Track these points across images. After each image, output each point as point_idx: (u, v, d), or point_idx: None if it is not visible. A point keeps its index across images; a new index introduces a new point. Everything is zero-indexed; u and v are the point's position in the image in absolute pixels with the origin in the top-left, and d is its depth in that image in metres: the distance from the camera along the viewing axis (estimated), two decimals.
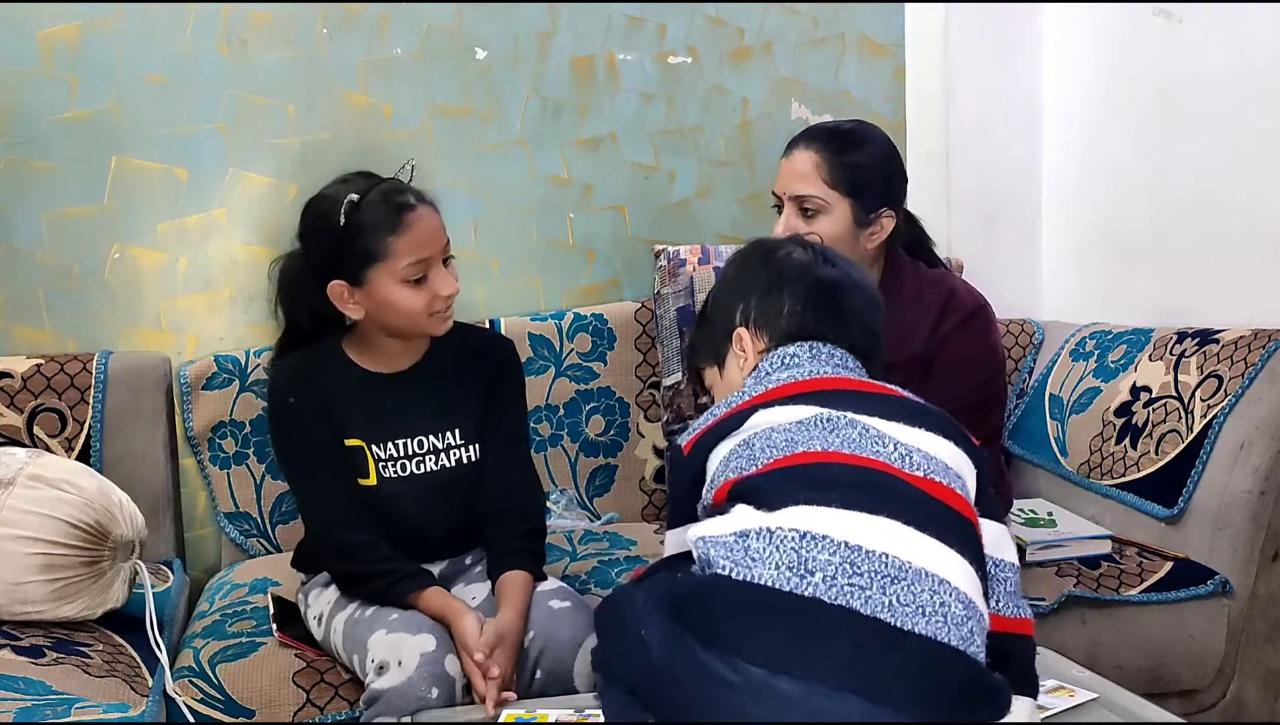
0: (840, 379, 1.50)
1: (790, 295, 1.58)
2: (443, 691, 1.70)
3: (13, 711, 1.64)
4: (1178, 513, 2.28)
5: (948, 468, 1.39)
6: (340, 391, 1.93)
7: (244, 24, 2.53)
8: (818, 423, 1.40)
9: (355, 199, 1.82)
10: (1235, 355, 2.29)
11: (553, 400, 2.58)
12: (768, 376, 1.52)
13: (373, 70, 2.61)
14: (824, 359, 1.53)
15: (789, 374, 1.50)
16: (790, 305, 1.57)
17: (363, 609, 1.85)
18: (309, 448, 1.91)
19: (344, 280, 1.86)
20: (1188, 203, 2.63)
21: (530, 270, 2.74)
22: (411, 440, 1.94)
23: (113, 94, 2.48)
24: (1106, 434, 2.44)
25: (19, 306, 2.49)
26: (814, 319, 1.56)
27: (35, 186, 2.46)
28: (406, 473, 1.94)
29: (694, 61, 2.78)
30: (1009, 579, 1.42)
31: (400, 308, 1.85)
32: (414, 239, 1.83)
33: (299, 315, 1.97)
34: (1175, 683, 2.21)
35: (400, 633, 1.76)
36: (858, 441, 1.37)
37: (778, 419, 1.42)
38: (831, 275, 1.60)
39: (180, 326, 2.57)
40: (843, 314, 1.58)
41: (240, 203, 2.57)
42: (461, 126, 2.67)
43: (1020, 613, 1.41)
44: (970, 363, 2.04)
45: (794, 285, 1.58)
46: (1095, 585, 2.19)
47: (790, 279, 1.59)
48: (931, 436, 1.41)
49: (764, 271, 1.62)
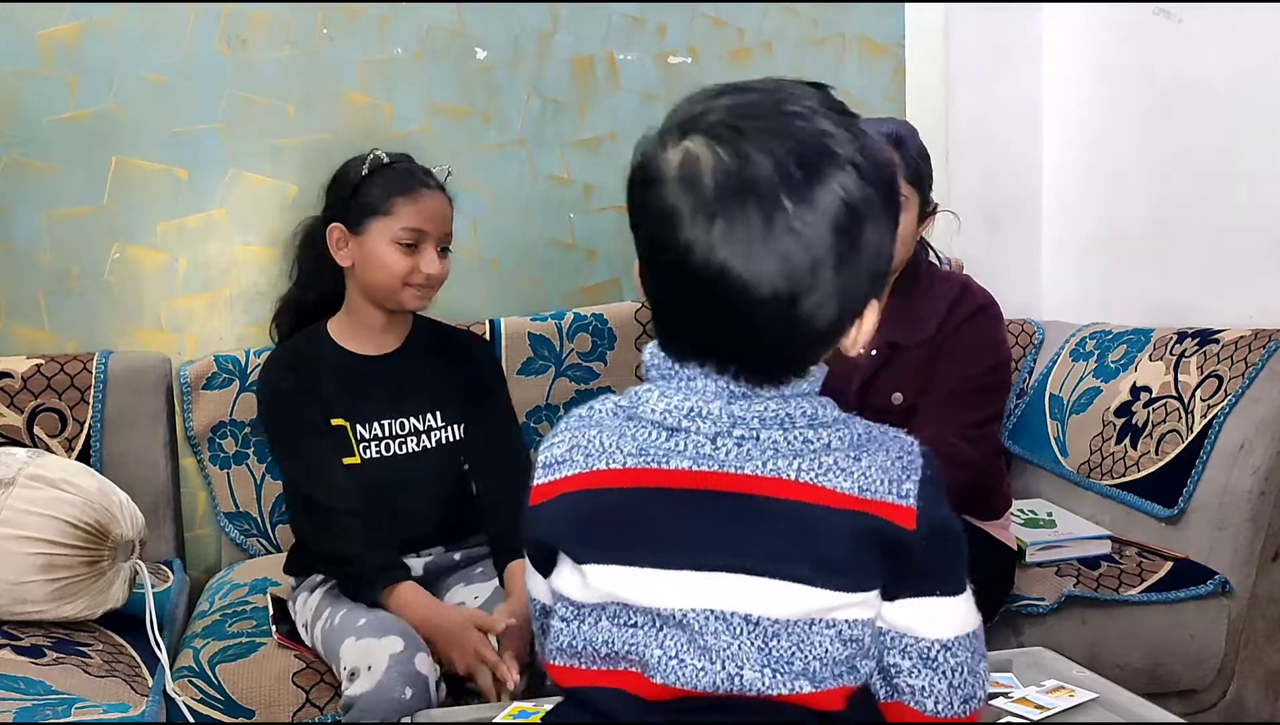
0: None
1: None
2: (416, 691, 1.70)
3: (13, 711, 1.64)
4: (1178, 513, 2.28)
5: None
6: (325, 373, 1.99)
7: (244, 24, 2.53)
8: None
9: (384, 159, 1.96)
10: (1235, 355, 2.29)
11: (553, 400, 2.58)
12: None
13: (373, 70, 2.61)
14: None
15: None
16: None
17: (333, 617, 1.86)
18: (296, 428, 1.97)
19: (345, 225, 1.95)
20: (1188, 203, 2.63)
21: (530, 270, 2.74)
22: (394, 421, 2.00)
23: (113, 94, 2.48)
24: (1106, 434, 2.44)
25: (19, 306, 2.49)
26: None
27: (35, 186, 2.46)
28: (390, 453, 1.99)
29: (694, 61, 2.78)
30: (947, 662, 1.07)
31: (384, 265, 1.93)
32: (417, 208, 1.94)
33: (305, 267, 2.06)
34: (1175, 683, 2.21)
35: (368, 638, 1.77)
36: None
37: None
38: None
39: (180, 326, 2.57)
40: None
41: (240, 203, 2.57)
42: (461, 126, 2.67)
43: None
44: (976, 351, 2.05)
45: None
46: (1095, 585, 2.19)
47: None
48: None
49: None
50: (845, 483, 1.01)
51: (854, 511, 1.00)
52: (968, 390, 2.02)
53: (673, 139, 1.00)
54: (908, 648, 1.06)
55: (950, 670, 1.06)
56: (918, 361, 2.03)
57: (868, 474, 1.01)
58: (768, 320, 0.98)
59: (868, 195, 0.98)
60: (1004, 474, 2.24)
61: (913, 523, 1.01)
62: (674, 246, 0.97)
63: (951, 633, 1.06)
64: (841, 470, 1.01)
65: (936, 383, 2.02)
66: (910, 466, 1.03)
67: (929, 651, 1.06)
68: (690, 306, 1.00)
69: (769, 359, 1.01)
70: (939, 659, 1.06)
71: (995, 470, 2.16)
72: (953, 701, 1.07)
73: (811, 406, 1.02)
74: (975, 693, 1.08)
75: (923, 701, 1.07)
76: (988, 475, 2.10)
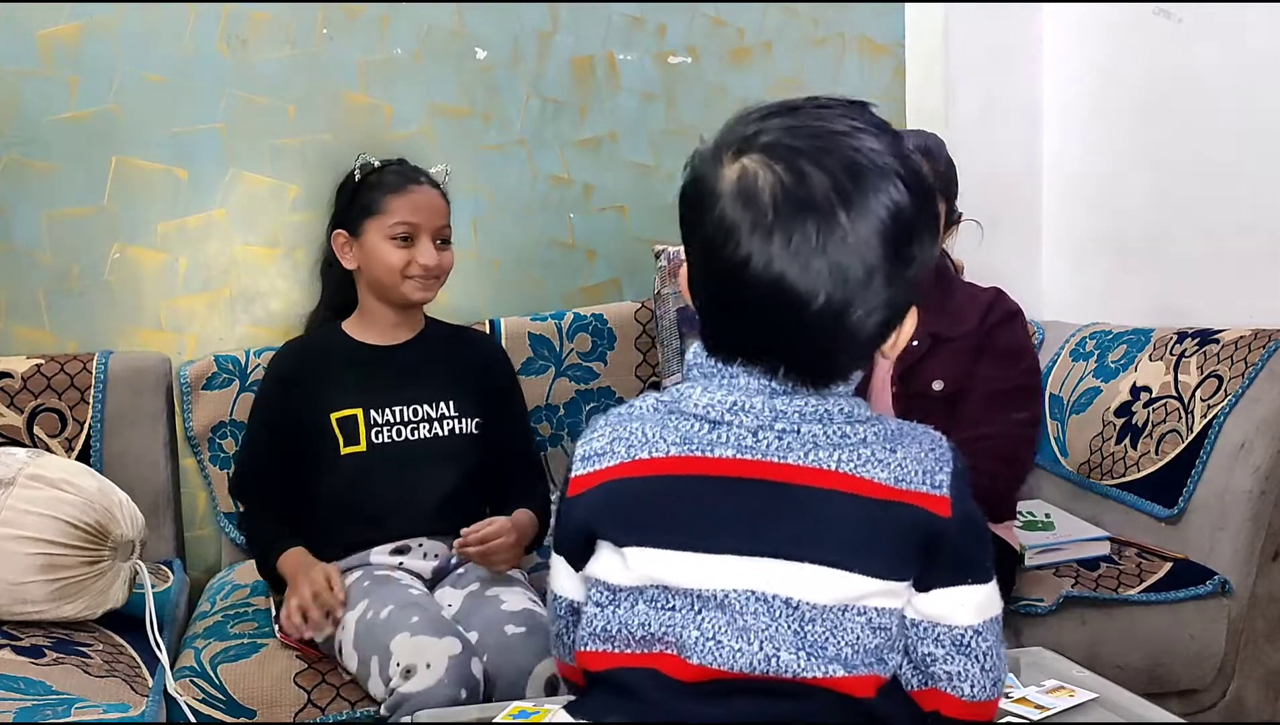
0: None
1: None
2: (470, 693, 1.72)
3: (13, 711, 1.64)
4: (1178, 513, 2.28)
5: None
6: (336, 362, 2.07)
7: (244, 24, 2.53)
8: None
9: (375, 164, 2.08)
10: (1235, 355, 2.30)
11: (553, 400, 2.58)
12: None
13: (373, 70, 2.61)
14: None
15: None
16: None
17: (376, 610, 1.85)
18: (269, 412, 2.08)
19: (346, 230, 2.06)
20: (1188, 203, 2.63)
21: (530, 270, 2.74)
22: (406, 407, 2.06)
23: (113, 94, 2.48)
24: (1106, 434, 2.44)
25: (19, 306, 2.49)
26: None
27: (35, 186, 2.46)
28: (401, 438, 2.05)
29: (694, 61, 2.78)
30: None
31: (382, 260, 2.03)
32: (408, 203, 2.03)
33: (329, 283, 2.17)
34: (1175, 683, 2.21)
35: (424, 635, 1.77)
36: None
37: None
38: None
39: (180, 326, 2.57)
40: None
41: (240, 203, 2.57)
42: (461, 126, 2.67)
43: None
44: (1016, 352, 2.09)
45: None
46: (1094, 585, 2.19)
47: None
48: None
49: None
50: (882, 473, 1.06)
51: (891, 501, 1.06)
52: (1011, 388, 2.06)
53: (729, 157, 1.07)
54: (940, 636, 1.11)
55: (983, 654, 1.12)
56: (957, 353, 2.06)
57: (903, 465, 1.07)
58: (819, 327, 1.04)
59: (913, 206, 1.05)
60: (1032, 443, 2.26)
61: (948, 511, 1.07)
62: (733, 258, 1.04)
63: (982, 618, 1.12)
64: (878, 462, 1.06)
65: (979, 380, 2.06)
66: (942, 458, 1.08)
67: (963, 638, 1.11)
68: (744, 314, 1.07)
69: (817, 364, 1.08)
70: (973, 644, 1.11)
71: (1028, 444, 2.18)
72: (986, 684, 1.12)
73: (849, 405, 1.08)
74: (1003, 674, 1.14)
75: (960, 686, 1.12)
76: (1025, 477, 2.15)
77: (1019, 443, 2.04)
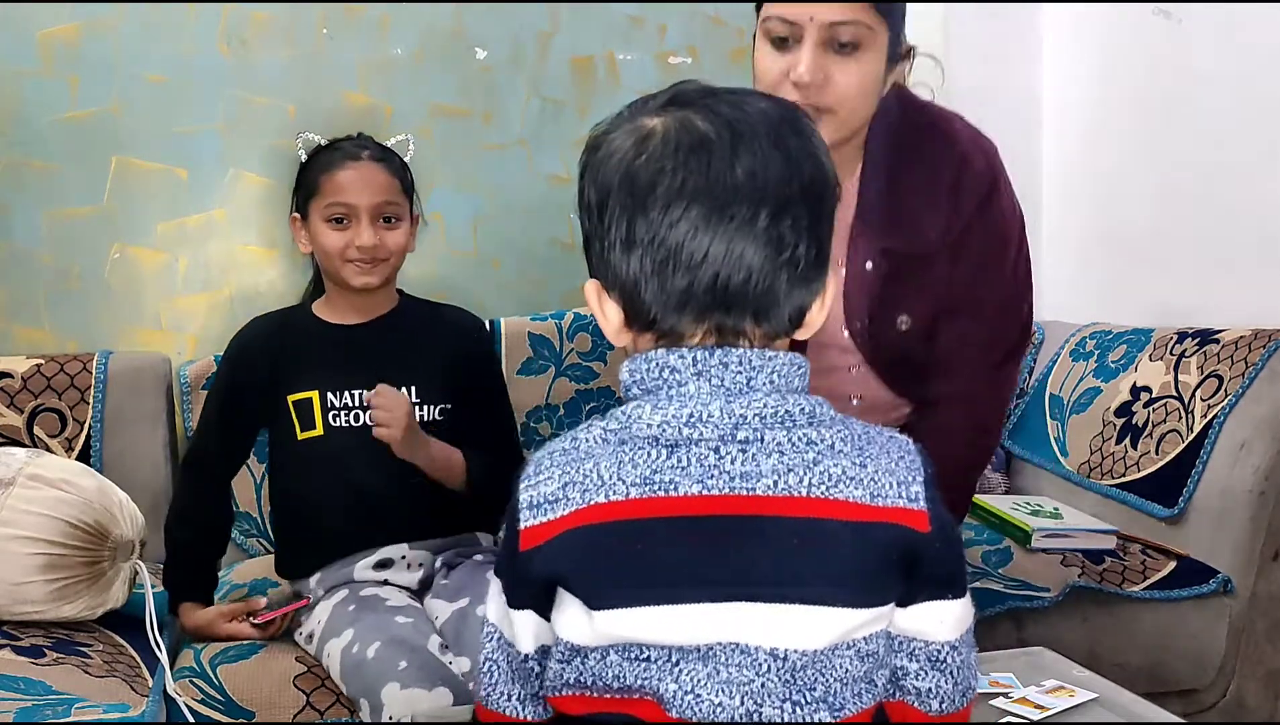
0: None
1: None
2: None
3: (13, 711, 1.64)
4: (1178, 513, 2.28)
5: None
6: (294, 345, 2.00)
7: (244, 24, 2.53)
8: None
9: (319, 142, 2.00)
10: (1235, 355, 2.29)
11: (553, 400, 2.58)
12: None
13: (373, 70, 2.61)
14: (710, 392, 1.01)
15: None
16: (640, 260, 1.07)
17: (363, 646, 1.79)
18: (222, 391, 2.04)
19: (299, 213, 2.01)
20: (1188, 203, 2.63)
21: (530, 270, 2.74)
22: (366, 391, 1.93)
23: (113, 94, 2.48)
24: (1107, 434, 2.44)
25: (19, 306, 2.49)
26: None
27: (35, 186, 2.46)
28: (360, 423, 1.96)
29: (694, 61, 2.78)
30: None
31: (320, 245, 1.96)
32: (339, 182, 1.94)
33: (315, 268, 2.10)
34: (1175, 682, 2.21)
35: (415, 688, 1.69)
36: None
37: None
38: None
39: (180, 326, 2.57)
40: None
41: (240, 203, 2.57)
42: (461, 126, 2.67)
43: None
44: (989, 259, 1.72)
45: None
46: (1099, 578, 2.19)
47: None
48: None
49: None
50: (856, 491, 0.99)
51: (869, 522, 0.99)
52: (987, 316, 1.74)
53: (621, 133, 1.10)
54: (916, 651, 1.07)
55: (955, 669, 1.07)
56: (920, 274, 1.71)
57: (876, 479, 1.00)
58: (748, 239, 1.00)
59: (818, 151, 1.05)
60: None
61: (926, 525, 1.01)
62: (650, 196, 1.03)
63: (958, 633, 1.07)
64: (850, 479, 0.99)
65: (950, 314, 1.72)
66: (913, 467, 1.02)
67: (939, 653, 1.06)
68: (678, 255, 1.01)
69: (751, 291, 1.01)
70: (948, 660, 1.07)
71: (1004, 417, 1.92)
72: (955, 698, 1.08)
73: (809, 404, 1.01)
74: (972, 684, 1.10)
75: (928, 703, 1.08)
76: (1000, 426, 1.90)
77: (995, 388, 1.81)
